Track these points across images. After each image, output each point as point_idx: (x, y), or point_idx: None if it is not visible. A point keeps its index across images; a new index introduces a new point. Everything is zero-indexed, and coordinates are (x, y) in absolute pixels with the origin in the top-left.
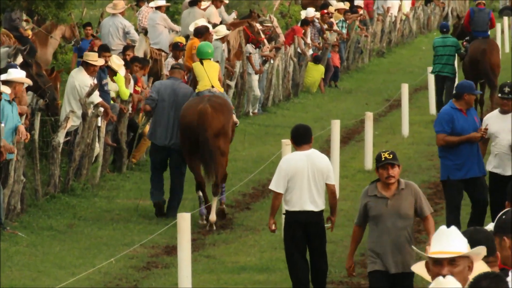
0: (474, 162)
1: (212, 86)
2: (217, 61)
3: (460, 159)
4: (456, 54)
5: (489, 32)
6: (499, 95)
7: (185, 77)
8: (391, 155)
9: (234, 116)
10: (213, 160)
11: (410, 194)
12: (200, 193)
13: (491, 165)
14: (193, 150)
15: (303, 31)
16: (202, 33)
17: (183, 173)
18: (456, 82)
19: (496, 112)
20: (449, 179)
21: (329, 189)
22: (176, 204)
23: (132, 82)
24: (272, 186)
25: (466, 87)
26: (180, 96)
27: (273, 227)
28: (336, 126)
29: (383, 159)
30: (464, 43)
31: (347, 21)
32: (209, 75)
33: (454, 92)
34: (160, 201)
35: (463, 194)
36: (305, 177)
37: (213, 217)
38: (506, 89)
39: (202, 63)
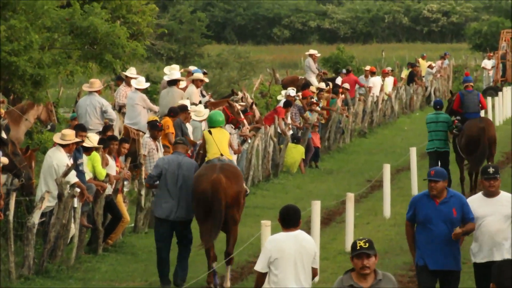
0: (448, 254)
1: (221, 154)
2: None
3: (429, 248)
4: (448, 131)
5: (480, 113)
6: (484, 177)
7: (189, 152)
8: (367, 244)
9: (244, 184)
10: (220, 227)
11: (389, 287)
12: (214, 265)
13: (478, 257)
14: (207, 218)
15: (285, 112)
16: (175, 112)
17: (189, 246)
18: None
19: (479, 195)
20: (417, 265)
21: (313, 274)
22: (183, 276)
23: (111, 162)
24: (257, 267)
25: (427, 174)
26: (184, 170)
27: None
28: (316, 207)
29: (358, 247)
30: (456, 121)
31: (321, 100)
32: (218, 143)
33: None
34: (178, 281)
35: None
36: (291, 258)
37: (227, 284)
38: (491, 170)
39: (210, 132)
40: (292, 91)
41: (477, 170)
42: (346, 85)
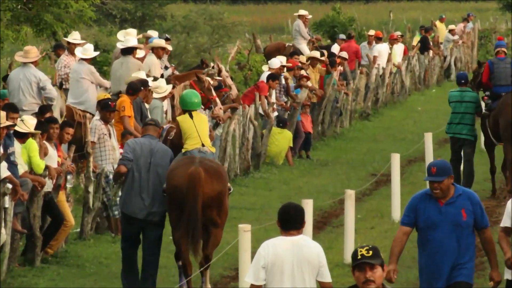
0: (457, 267)
1: (203, 145)
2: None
3: (433, 262)
4: (476, 114)
5: None
6: None
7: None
8: (371, 252)
9: (228, 183)
10: (199, 233)
11: None
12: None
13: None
14: (182, 221)
15: (270, 88)
16: (135, 89)
17: (159, 250)
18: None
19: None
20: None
21: None
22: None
23: (51, 151)
24: (248, 278)
25: (426, 171)
26: (158, 158)
27: None
28: (308, 208)
29: (359, 257)
30: (485, 98)
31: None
32: (199, 131)
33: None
34: (136, 287)
35: None
36: (288, 269)
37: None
38: None
39: (191, 116)
40: (276, 61)
41: None
42: (344, 54)
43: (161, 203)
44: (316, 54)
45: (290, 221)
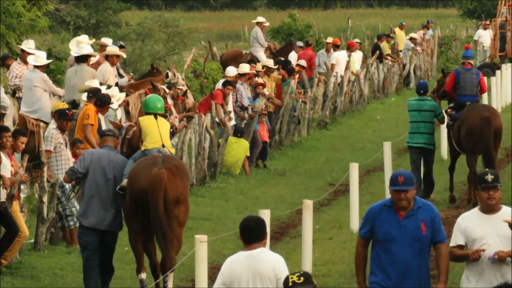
0: (415, 281)
1: (163, 145)
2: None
3: (390, 276)
4: (436, 120)
5: (478, 96)
6: (481, 186)
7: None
8: (302, 278)
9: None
10: (169, 234)
11: None
12: (143, 276)
13: (471, 283)
14: (144, 223)
15: (224, 95)
16: (104, 102)
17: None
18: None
19: (475, 211)
20: None
21: None
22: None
23: (4, 160)
24: None
25: (391, 180)
26: (117, 170)
27: None
28: (265, 218)
29: (290, 284)
30: (449, 110)
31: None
32: (161, 132)
33: None
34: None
35: None
36: (244, 283)
37: None
38: (489, 177)
39: (156, 116)
40: (232, 69)
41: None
42: (303, 62)
43: (118, 215)
44: (270, 62)
45: (250, 234)
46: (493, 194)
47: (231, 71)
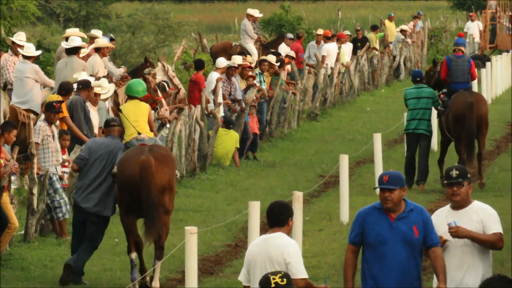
0: (406, 284)
1: (139, 133)
2: (100, 127)
3: (381, 280)
4: (433, 108)
5: (470, 83)
6: (446, 182)
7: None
8: (285, 280)
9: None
10: (158, 219)
11: None
12: (133, 256)
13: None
14: (132, 207)
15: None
16: (67, 89)
17: (99, 238)
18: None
19: (447, 208)
20: None
21: (297, 286)
22: (78, 265)
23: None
24: (240, 277)
25: (378, 180)
26: (117, 158)
27: None
28: (255, 210)
29: (272, 285)
30: (442, 95)
31: (264, 74)
32: (133, 121)
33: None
34: (71, 262)
35: None
36: (258, 266)
37: (156, 284)
38: (454, 173)
39: (120, 110)
40: (222, 60)
41: (471, 158)
42: (292, 53)
43: (109, 202)
44: (272, 59)
45: (272, 218)
46: (457, 190)
47: (221, 62)
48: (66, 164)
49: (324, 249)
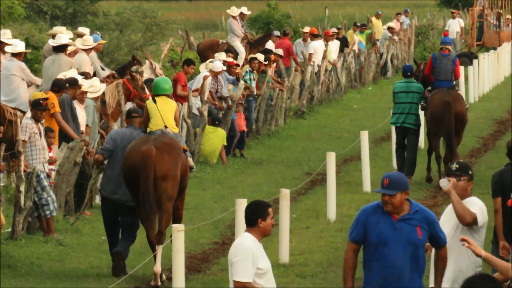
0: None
1: (166, 126)
2: (87, 125)
3: (383, 281)
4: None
5: (453, 82)
6: (445, 174)
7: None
8: None
9: (190, 160)
10: (153, 207)
11: None
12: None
13: (444, 283)
14: (137, 198)
15: (186, 74)
16: (60, 86)
17: (135, 226)
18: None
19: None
20: None
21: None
22: (125, 250)
23: None
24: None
25: (381, 181)
26: None
27: None
28: (242, 207)
29: None
30: (426, 92)
31: (254, 72)
32: (162, 113)
33: None
34: (120, 250)
35: None
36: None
37: (158, 268)
38: (454, 166)
39: (154, 101)
40: (218, 64)
41: (453, 154)
42: (280, 51)
43: None
44: (260, 57)
45: (244, 217)
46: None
47: (217, 66)
48: (53, 161)
49: (311, 247)
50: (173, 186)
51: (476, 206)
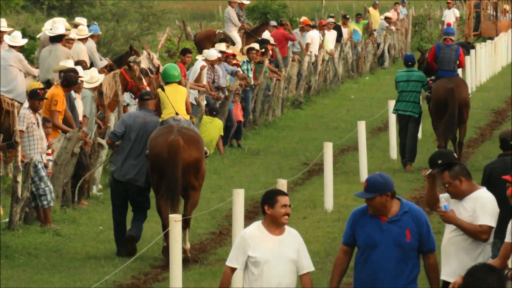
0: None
1: (177, 114)
2: (84, 116)
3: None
4: (423, 91)
5: (457, 72)
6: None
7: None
8: None
9: (204, 148)
10: (178, 196)
11: None
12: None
13: (446, 274)
14: (162, 185)
15: (184, 64)
16: (70, 82)
17: (146, 208)
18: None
19: (447, 195)
20: None
21: None
22: (137, 232)
23: None
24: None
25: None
26: (149, 131)
27: None
28: (239, 198)
29: None
30: (430, 82)
31: (252, 62)
32: (173, 102)
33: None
34: (132, 233)
35: None
36: None
37: (187, 245)
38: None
39: (163, 89)
40: (213, 52)
41: (452, 139)
42: (271, 40)
43: (145, 172)
44: (256, 46)
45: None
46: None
47: (211, 55)
48: (50, 151)
49: (308, 237)
50: (197, 178)
51: (483, 209)
